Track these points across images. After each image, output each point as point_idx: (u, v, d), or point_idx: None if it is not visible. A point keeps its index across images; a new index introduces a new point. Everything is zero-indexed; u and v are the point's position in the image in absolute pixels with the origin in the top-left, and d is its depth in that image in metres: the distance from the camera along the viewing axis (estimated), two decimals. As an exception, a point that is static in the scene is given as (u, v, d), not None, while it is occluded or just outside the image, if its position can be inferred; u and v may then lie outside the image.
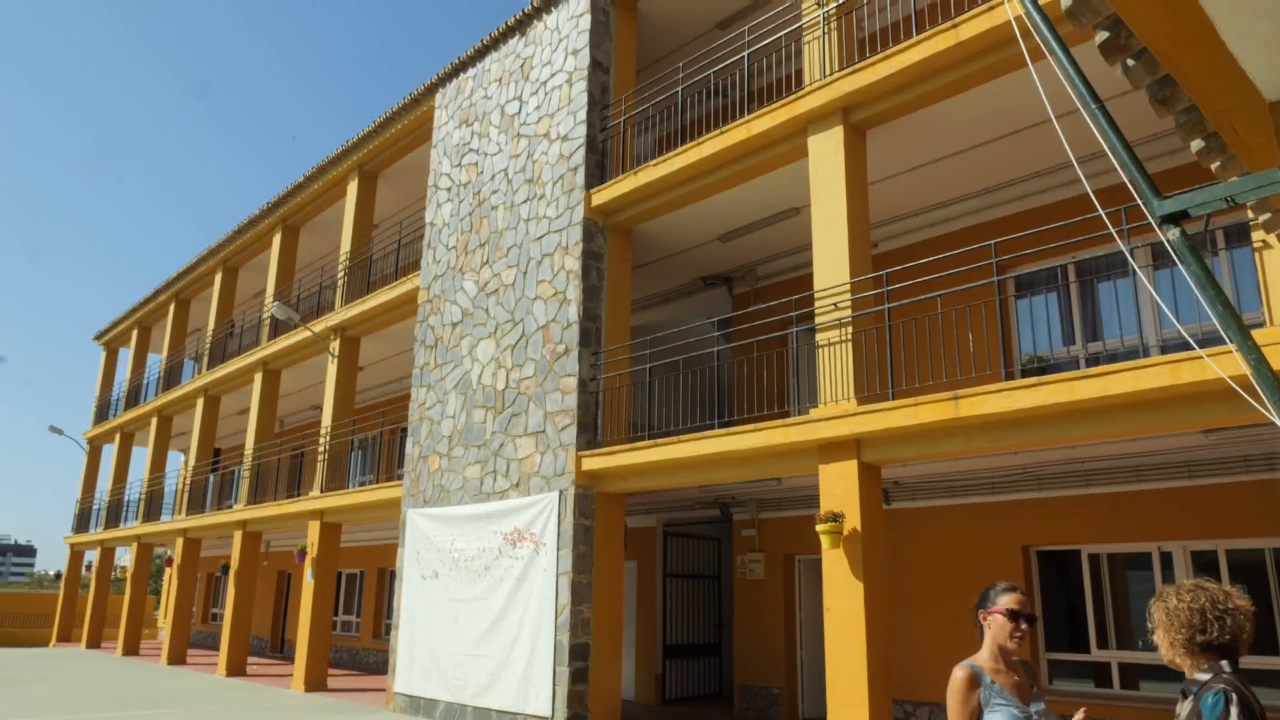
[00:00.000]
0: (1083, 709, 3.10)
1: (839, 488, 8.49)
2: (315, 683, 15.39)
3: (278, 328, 18.98)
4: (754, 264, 13.24)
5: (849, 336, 8.75)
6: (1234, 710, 2.50)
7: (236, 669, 17.96)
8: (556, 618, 10.45)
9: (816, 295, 9.09)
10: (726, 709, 13.06)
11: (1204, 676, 2.66)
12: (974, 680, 3.13)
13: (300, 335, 17.30)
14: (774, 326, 11.77)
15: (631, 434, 11.33)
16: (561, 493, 10.81)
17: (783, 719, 11.95)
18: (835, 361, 8.81)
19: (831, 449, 8.61)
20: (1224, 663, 2.65)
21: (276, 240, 19.92)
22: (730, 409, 12.17)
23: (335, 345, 16.57)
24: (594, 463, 10.61)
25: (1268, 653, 8.55)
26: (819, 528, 8.35)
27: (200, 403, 21.83)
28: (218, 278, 22.65)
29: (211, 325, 22.32)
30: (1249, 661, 8.29)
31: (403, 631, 12.83)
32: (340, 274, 17.04)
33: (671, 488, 11.24)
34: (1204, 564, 9.21)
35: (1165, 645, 2.77)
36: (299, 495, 18.21)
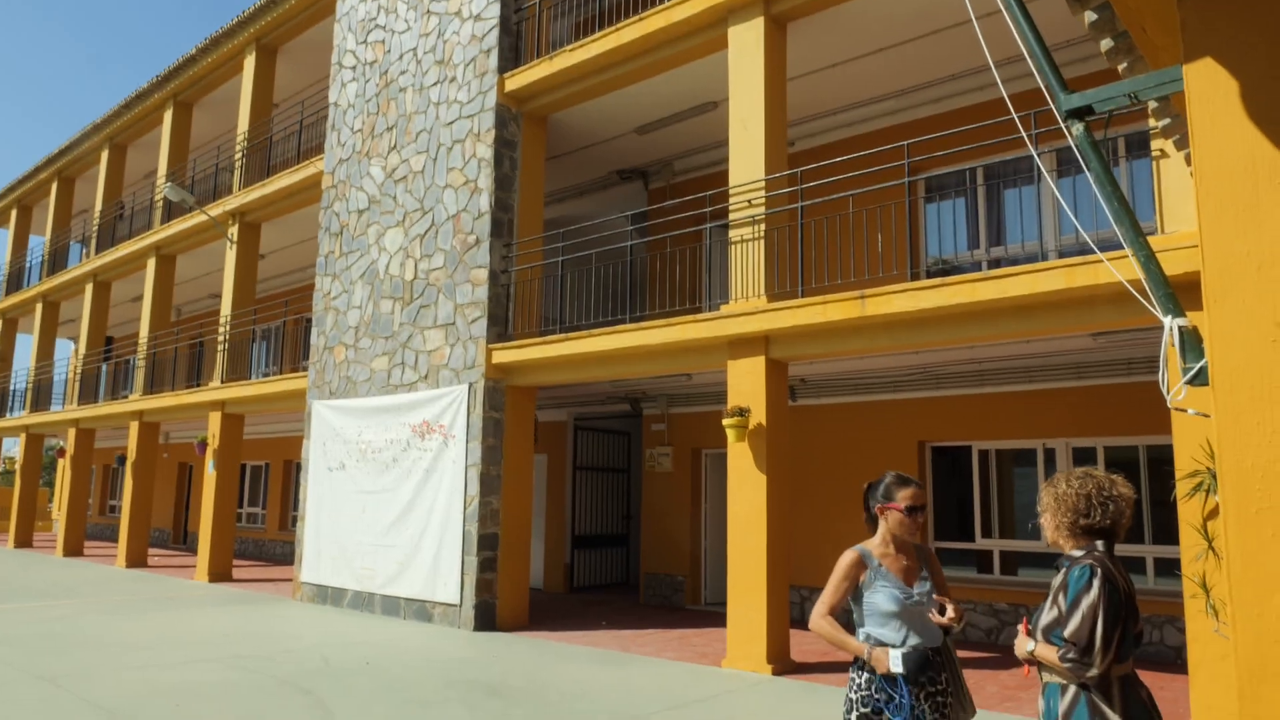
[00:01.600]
0: (949, 604, 3.22)
1: (746, 383, 8.64)
2: (219, 574, 15.27)
3: (171, 211, 18.00)
4: (671, 159, 13.05)
5: (761, 234, 8.76)
6: (1096, 583, 2.67)
7: (137, 560, 17.65)
8: (465, 509, 10.51)
9: (731, 191, 9.03)
10: (632, 596, 13.50)
11: (1077, 554, 2.83)
12: (861, 563, 3.28)
13: (196, 219, 16.46)
14: (688, 222, 11.70)
15: (543, 328, 11.25)
16: (471, 385, 10.73)
17: (686, 605, 12.43)
18: (747, 258, 8.83)
19: (741, 345, 8.71)
20: (1099, 543, 2.81)
21: (168, 117, 18.70)
22: (643, 304, 12.18)
23: (234, 231, 15.83)
24: (504, 356, 10.52)
25: (1134, 541, 9.21)
26: (725, 422, 8.51)
27: (89, 288, 20.73)
28: (104, 155, 21.23)
29: (99, 206, 21.03)
30: (1122, 550, 8.94)
31: (309, 523, 12.74)
32: (238, 155, 16.15)
33: (582, 382, 11.27)
34: (1084, 460, 9.78)
35: (1050, 528, 2.93)
36: (198, 386, 17.66)
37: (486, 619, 10.30)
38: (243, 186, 15.80)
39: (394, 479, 11.48)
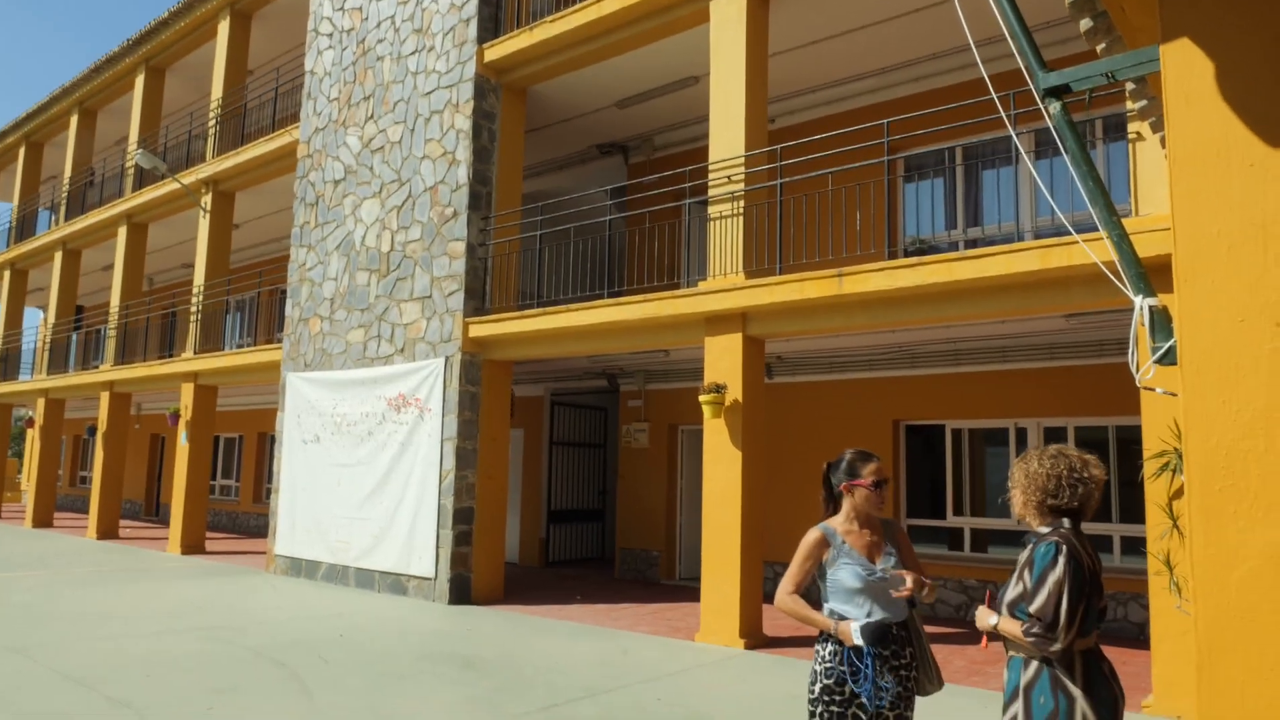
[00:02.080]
0: (908, 576, 3.25)
1: (723, 360, 8.65)
2: (192, 546, 15.18)
3: (143, 178, 17.71)
4: (651, 133, 12.98)
5: (740, 210, 8.75)
6: (1061, 559, 2.71)
7: (108, 532, 17.51)
8: (441, 482, 10.49)
9: (711, 167, 9.00)
10: (607, 571, 13.57)
11: (1044, 530, 2.86)
12: (824, 541, 3.31)
13: (168, 187, 16.20)
14: (667, 198, 11.65)
15: (520, 302, 11.20)
16: (447, 359, 10.68)
17: (660, 580, 12.51)
18: (726, 235, 8.82)
19: (718, 322, 8.72)
20: (1065, 520, 2.85)
21: (139, 82, 18.33)
22: (621, 279, 12.14)
23: (207, 199, 15.60)
24: (481, 330, 10.48)
25: (1102, 520, 9.36)
26: (702, 398, 8.53)
27: (58, 256, 20.40)
28: (73, 120, 20.80)
29: (68, 172, 20.64)
30: (1089, 528, 9.08)
31: (283, 495, 12.68)
32: (211, 123, 15.89)
33: (559, 357, 11.26)
34: (1054, 439, 9.90)
35: (1019, 503, 2.96)
36: (171, 356, 17.46)
37: (461, 592, 10.32)
38: (216, 154, 15.56)
39: (369, 452, 11.44)
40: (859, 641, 3.13)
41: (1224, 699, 2.21)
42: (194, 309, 15.53)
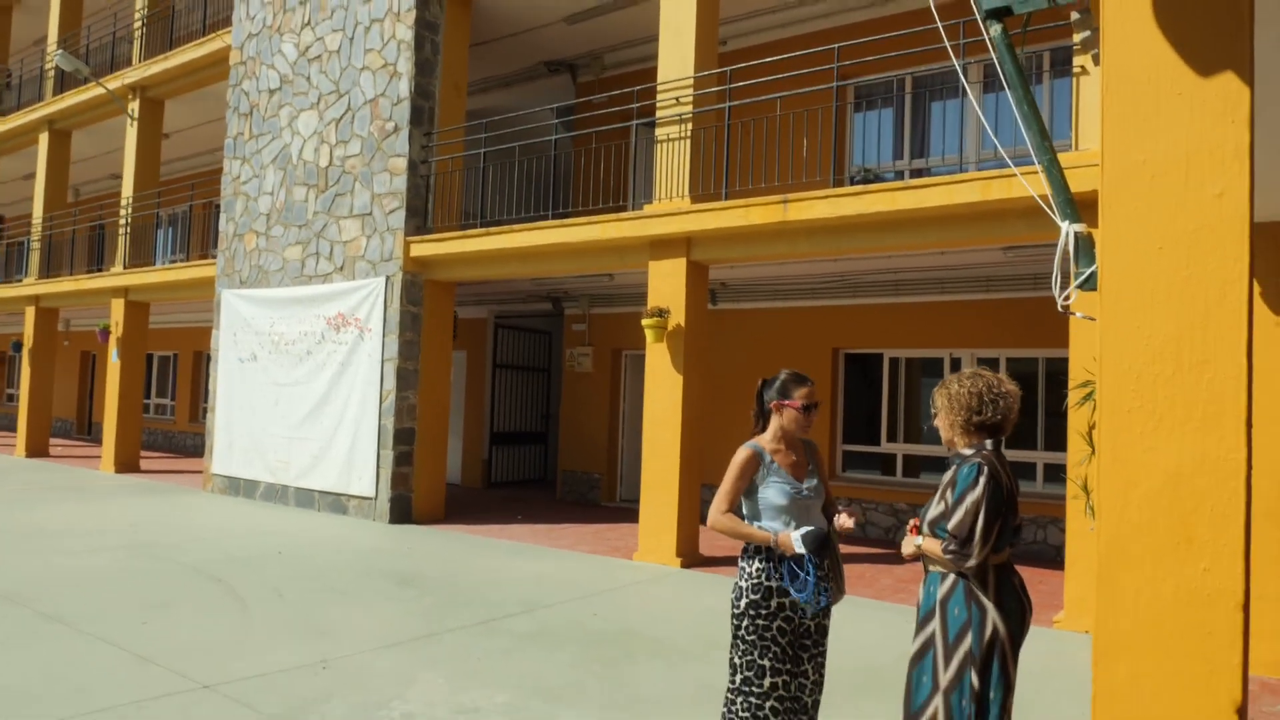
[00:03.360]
0: (844, 514, 3.37)
1: (667, 284, 8.65)
2: (126, 464, 14.91)
3: (64, 82, 16.81)
4: (601, 52, 12.66)
5: (688, 133, 8.65)
6: (982, 479, 2.81)
7: (38, 450, 17.10)
8: (381, 403, 10.42)
9: (659, 88, 8.85)
10: (549, 493, 13.71)
11: (967, 452, 2.96)
12: (756, 459, 3.37)
13: (93, 92, 15.42)
14: (615, 118, 11.45)
15: (463, 221, 11.00)
16: (388, 278, 10.50)
17: (601, 502, 12.69)
18: (672, 158, 8.73)
19: (662, 246, 8.69)
20: (988, 441, 2.94)
21: (58, -23, 17.25)
22: (566, 201, 11.99)
23: (134, 106, 14.90)
24: (423, 249, 10.29)
25: (1027, 447, 9.70)
26: (644, 322, 8.55)
27: (-25, 163, 19.40)
28: (-13, 17, 19.58)
29: (-17, 73, 19.50)
30: (1015, 455, 9.40)
31: (220, 414, 12.48)
32: (137, 24, 15.08)
33: (503, 278, 11.15)
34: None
35: (945, 427, 3.04)
36: (100, 271, 16.87)
37: (402, 512, 10.35)
38: (143, 59, 14.81)
39: (308, 372, 11.28)
40: (801, 550, 3.21)
41: (1119, 607, 2.34)
42: (123, 222, 14.96)
